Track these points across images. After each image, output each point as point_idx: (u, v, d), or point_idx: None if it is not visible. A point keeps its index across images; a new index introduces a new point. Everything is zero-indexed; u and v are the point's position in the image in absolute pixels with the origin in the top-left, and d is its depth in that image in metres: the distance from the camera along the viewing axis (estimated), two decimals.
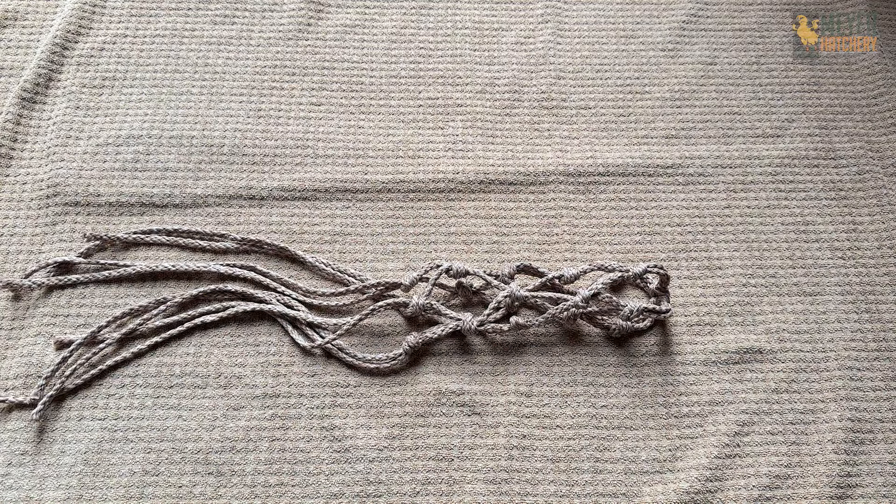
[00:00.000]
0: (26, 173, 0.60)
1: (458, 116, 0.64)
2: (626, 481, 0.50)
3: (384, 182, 0.61)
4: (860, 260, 0.59)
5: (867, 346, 0.55)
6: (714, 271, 0.58)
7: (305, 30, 0.68)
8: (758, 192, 0.61)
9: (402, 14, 0.69)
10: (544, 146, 0.63)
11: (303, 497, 0.49)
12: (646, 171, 0.62)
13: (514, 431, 0.52)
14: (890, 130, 0.64)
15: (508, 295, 0.53)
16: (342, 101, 0.64)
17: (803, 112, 0.65)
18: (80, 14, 0.67)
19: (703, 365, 0.54)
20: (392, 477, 0.50)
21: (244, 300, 0.56)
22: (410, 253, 0.58)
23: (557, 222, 0.60)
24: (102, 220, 0.59)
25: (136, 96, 0.64)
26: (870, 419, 0.53)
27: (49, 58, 0.64)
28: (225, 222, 0.59)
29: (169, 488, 0.49)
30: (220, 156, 0.61)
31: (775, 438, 0.52)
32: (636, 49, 0.68)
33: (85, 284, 0.56)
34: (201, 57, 0.66)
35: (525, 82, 0.66)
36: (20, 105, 0.62)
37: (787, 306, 0.57)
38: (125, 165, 0.61)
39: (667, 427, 0.52)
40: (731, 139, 0.64)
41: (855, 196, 0.61)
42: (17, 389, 0.52)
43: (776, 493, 0.50)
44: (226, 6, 0.69)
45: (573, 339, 0.55)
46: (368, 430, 0.51)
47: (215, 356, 0.54)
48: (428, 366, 0.54)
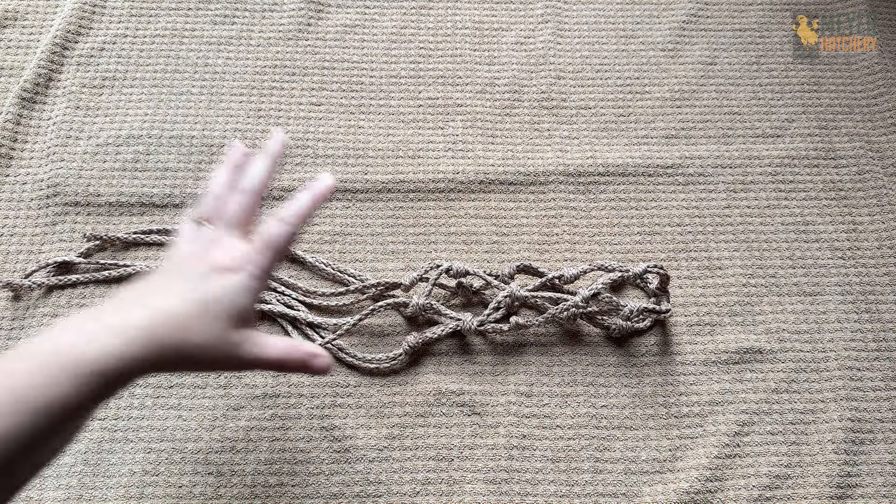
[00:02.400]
0: (26, 173, 0.60)
1: (458, 116, 0.64)
2: (626, 481, 0.50)
3: (384, 182, 0.61)
4: (860, 260, 0.59)
5: (867, 346, 0.55)
6: (714, 271, 0.58)
7: (305, 30, 0.68)
8: (758, 192, 0.61)
9: (402, 14, 0.69)
10: (544, 146, 0.63)
11: (303, 497, 0.49)
12: (646, 171, 0.62)
13: (514, 431, 0.52)
14: (890, 130, 0.64)
15: (508, 295, 0.53)
16: (342, 101, 0.64)
17: (803, 112, 0.65)
18: (80, 14, 0.67)
19: (703, 365, 0.54)
20: (392, 477, 0.50)
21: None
22: (410, 253, 0.58)
23: (557, 222, 0.60)
24: (102, 220, 0.59)
25: (136, 96, 0.64)
26: (870, 419, 0.53)
27: (49, 58, 0.64)
28: None
29: (169, 488, 0.49)
30: (220, 156, 0.61)
31: (775, 438, 0.52)
32: (636, 49, 0.68)
33: (85, 284, 0.56)
34: (201, 57, 0.66)
35: (525, 82, 0.66)
36: (20, 105, 0.62)
37: (787, 306, 0.57)
38: (125, 165, 0.61)
39: (667, 427, 0.52)
40: (731, 139, 0.64)
41: (855, 196, 0.61)
42: None
43: (776, 493, 0.50)
44: (226, 6, 0.69)
45: (573, 339, 0.55)
46: (368, 430, 0.51)
47: None
48: (428, 366, 0.54)
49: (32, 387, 0.30)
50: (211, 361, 0.36)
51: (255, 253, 0.38)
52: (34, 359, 0.31)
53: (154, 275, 0.38)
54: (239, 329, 0.37)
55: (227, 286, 0.37)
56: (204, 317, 0.35)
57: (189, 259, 0.38)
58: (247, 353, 0.37)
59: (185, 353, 0.35)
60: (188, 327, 0.35)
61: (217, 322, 0.36)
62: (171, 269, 0.38)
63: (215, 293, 0.36)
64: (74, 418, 0.33)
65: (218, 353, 0.36)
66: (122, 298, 0.36)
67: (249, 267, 0.38)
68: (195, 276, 0.37)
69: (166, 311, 0.35)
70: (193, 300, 0.35)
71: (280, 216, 0.40)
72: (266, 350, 0.38)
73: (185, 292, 0.36)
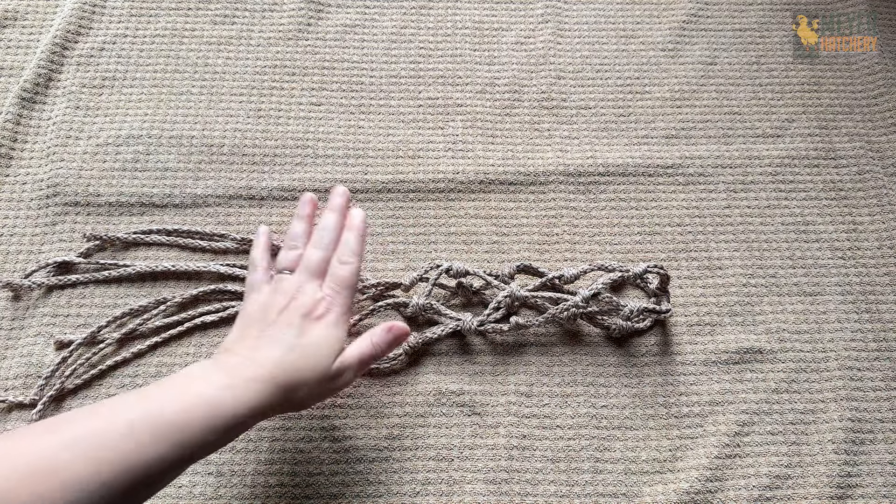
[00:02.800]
0: (26, 173, 0.60)
1: (458, 116, 0.64)
2: (626, 481, 0.50)
3: (384, 182, 0.61)
4: (860, 260, 0.59)
5: (867, 346, 0.55)
6: (714, 271, 0.58)
7: (305, 30, 0.68)
8: (758, 192, 0.61)
9: (402, 14, 0.69)
10: (544, 146, 0.63)
11: (303, 497, 0.49)
12: (646, 171, 0.62)
13: (514, 431, 0.52)
14: (890, 130, 0.64)
15: (508, 295, 0.53)
16: (342, 101, 0.64)
17: (803, 112, 0.65)
18: (80, 14, 0.67)
19: (703, 365, 0.54)
20: (392, 477, 0.50)
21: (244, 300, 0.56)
22: (410, 253, 0.58)
23: (557, 222, 0.60)
24: (102, 220, 0.59)
25: (136, 96, 0.64)
26: (870, 419, 0.53)
27: (49, 58, 0.64)
28: (225, 222, 0.59)
29: (169, 488, 0.49)
30: (220, 156, 0.61)
31: (775, 438, 0.52)
32: (636, 49, 0.68)
33: (85, 284, 0.56)
34: (201, 57, 0.66)
35: (525, 82, 0.66)
36: (20, 105, 0.62)
37: (787, 306, 0.57)
38: (125, 165, 0.61)
39: (667, 427, 0.52)
40: (731, 139, 0.64)
41: (855, 196, 0.61)
42: (17, 389, 0.52)
43: (776, 493, 0.50)
44: (226, 6, 0.69)
45: (573, 339, 0.55)
46: (368, 430, 0.51)
47: None
48: (428, 366, 0.54)
49: (175, 424, 0.37)
50: (319, 394, 0.44)
51: (335, 295, 0.45)
52: (178, 402, 0.38)
53: (247, 326, 0.44)
54: (337, 359, 0.44)
55: (322, 331, 0.43)
56: (311, 359, 0.42)
57: (276, 308, 0.44)
58: (347, 378, 0.44)
59: (299, 394, 0.42)
60: (299, 369, 0.42)
61: (322, 361, 0.43)
62: (262, 319, 0.44)
63: (315, 339, 0.43)
64: (203, 455, 0.38)
65: (325, 386, 0.43)
66: (232, 352, 0.42)
67: (336, 309, 0.45)
68: (292, 326, 0.43)
69: (277, 363, 0.41)
70: (298, 347, 0.42)
71: (341, 259, 0.47)
72: (356, 360, 0.45)
73: (289, 342, 0.42)
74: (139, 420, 0.36)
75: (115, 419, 0.36)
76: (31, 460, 0.34)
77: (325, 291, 0.45)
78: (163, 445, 0.36)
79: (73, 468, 0.34)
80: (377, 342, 0.46)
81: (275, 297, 0.45)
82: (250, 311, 0.45)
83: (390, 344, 0.46)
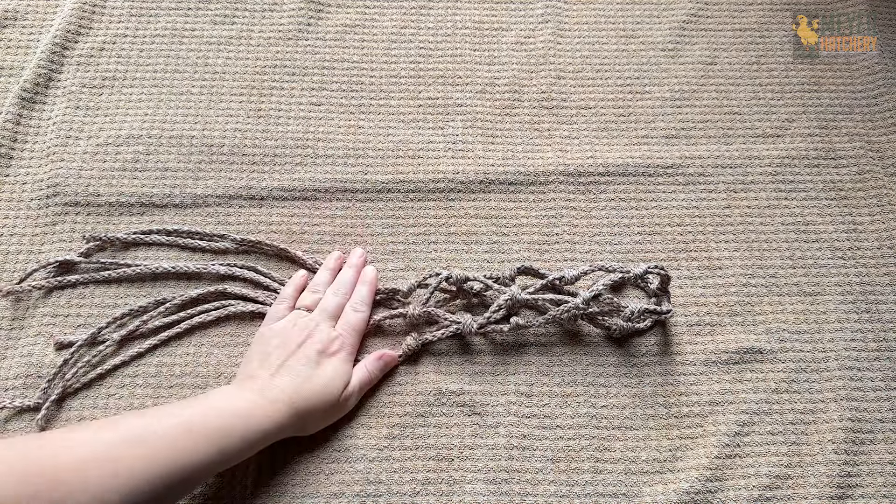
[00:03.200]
0: (26, 173, 0.60)
1: (458, 116, 0.64)
2: (626, 481, 0.50)
3: (384, 182, 0.61)
4: (860, 260, 0.59)
5: (867, 346, 0.55)
6: (714, 271, 0.58)
7: (305, 30, 0.68)
8: (758, 192, 0.61)
9: (402, 14, 0.69)
10: (544, 146, 0.63)
11: (303, 497, 0.49)
12: (646, 171, 0.62)
13: (514, 431, 0.52)
14: (890, 130, 0.64)
15: (509, 298, 0.53)
16: (342, 101, 0.64)
17: (803, 112, 0.65)
18: (80, 14, 0.67)
19: (703, 365, 0.54)
20: (392, 477, 0.50)
21: (244, 301, 0.56)
22: (410, 253, 0.58)
23: (557, 222, 0.60)
24: (102, 220, 0.59)
25: (136, 96, 0.64)
26: (870, 419, 0.53)
27: (49, 58, 0.64)
28: (225, 222, 0.59)
29: None
30: (220, 156, 0.61)
31: (775, 438, 0.52)
32: (636, 49, 0.68)
33: (85, 285, 0.56)
34: (201, 57, 0.66)
35: (525, 82, 0.66)
36: (20, 105, 0.62)
37: (787, 306, 0.57)
38: (125, 165, 0.61)
39: (667, 427, 0.52)
40: (731, 139, 0.64)
41: (855, 196, 0.61)
42: (17, 390, 0.52)
43: (776, 493, 0.50)
44: (226, 6, 0.69)
45: (573, 339, 0.55)
46: (368, 430, 0.51)
47: (215, 356, 0.54)
48: (428, 366, 0.54)
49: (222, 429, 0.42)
50: (324, 420, 0.50)
51: (346, 336, 0.51)
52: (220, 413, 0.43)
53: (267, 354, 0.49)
54: (345, 390, 0.49)
55: (334, 366, 0.49)
56: (324, 388, 0.48)
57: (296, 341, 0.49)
58: (350, 405, 0.51)
59: (309, 420, 0.48)
60: (312, 397, 0.47)
61: (333, 392, 0.48)
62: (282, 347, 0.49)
63: (328, 372, 0.49)
64: (234, 462, 0.44)
65: (331, 413, 0.49)
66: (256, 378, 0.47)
67: (347, 348, 0.51)
68: (309, 359, 0.48)
69: (297, 389, 0.47)
70: (314, 377, 0.48)
71: (354, 307, 0.53)
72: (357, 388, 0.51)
73: (306, 373, 0.48)
74: (195, 423, 0.42)
75: (169, 421, 0.41)
76: (88, 450, 0.38)
77: (339, 331, 0.51)
78: (211, 448, 0.41)
79: (129, 461, 0.38)
80: (371, 369, 0.52)
81: (293, 331, 0.50)
82: (268, 336, 0.50)
83: (381, 370, 0.52)
